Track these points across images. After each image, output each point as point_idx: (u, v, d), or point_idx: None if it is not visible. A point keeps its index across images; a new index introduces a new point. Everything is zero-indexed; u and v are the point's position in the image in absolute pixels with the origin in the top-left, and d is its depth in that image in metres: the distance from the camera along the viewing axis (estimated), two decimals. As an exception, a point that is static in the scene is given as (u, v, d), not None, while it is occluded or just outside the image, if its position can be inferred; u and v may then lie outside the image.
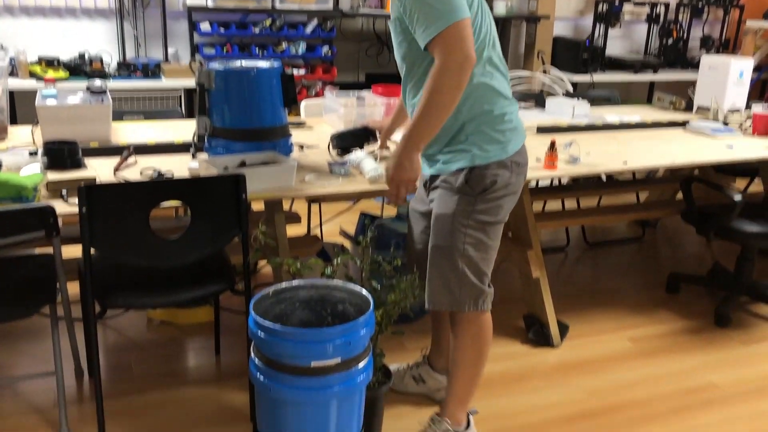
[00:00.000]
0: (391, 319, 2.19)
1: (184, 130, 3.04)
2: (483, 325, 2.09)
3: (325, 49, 5.07)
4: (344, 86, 4.99)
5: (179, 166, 2.49)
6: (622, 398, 2.57)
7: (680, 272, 3.61)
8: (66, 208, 2.07)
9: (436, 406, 2.34)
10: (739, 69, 3.79)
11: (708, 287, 3.56)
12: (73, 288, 2.47)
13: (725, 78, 3.78)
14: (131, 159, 2.57)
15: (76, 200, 2.06)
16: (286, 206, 3.71)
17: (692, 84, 4.02)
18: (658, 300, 3.43)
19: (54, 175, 2.26)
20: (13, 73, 4.21)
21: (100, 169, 2.42)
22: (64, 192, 2.16)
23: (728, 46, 6.29)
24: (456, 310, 2.06)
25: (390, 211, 3.83)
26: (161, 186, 2.07)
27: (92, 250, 2.04)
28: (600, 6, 5.72)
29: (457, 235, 1.99)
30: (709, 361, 2.86)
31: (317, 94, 4.93)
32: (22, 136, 2.87)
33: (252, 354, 1.82)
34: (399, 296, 2.17)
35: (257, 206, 3.35)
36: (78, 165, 2.38)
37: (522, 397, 2.55)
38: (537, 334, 2.95)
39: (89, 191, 1.96)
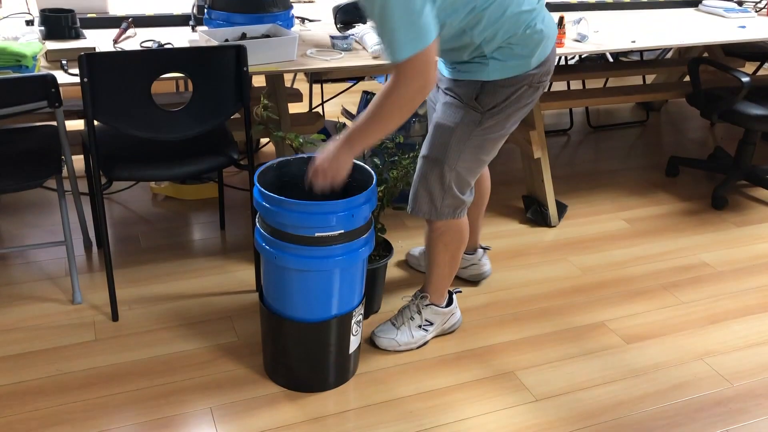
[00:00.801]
0: (393, 196, 2.23)
1: (183, 1, 2.96)
2: (459, 229, 2.06)
3: None
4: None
5: (179, 39, 2.45)
6: (615, 275, 2.65)
7: (680, 156, 3.62)
8: (67, 78, 2.06)
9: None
10: (759, -55, 3.63)
11: (707, 171, 3.58)
12: (77, 163, 2.50)
13: (743, -46, 3.63)
14: (130, 31, 2.52)
15: (76, 71, 2.05)
16: (287, 84, 3.67)
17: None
18: (656, 183, 3.46)
19: (53, 45, 2.22)
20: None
21: (99, 41, 2.38)
22: (64, 62, 2.13)
23: None
24: (434, 219, 2.03)
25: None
26: (162, 56, 2.04)
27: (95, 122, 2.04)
28: None
29: (452, 151, 1.91)
30: (702, 241, 2.93)
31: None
32: (15, 3, 2.80)
33: (257, 224, 1.87)
34: (400, 173, 2.19)
35: (258, 82, 3.32)
36: (77, 35, 2.34)
37: (517, 272, 2.63)
38: (535, 214, 3.00)
39: (90, 60, 1.94)
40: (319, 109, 3.70)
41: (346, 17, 2.71)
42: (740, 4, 3.53)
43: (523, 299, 2.47)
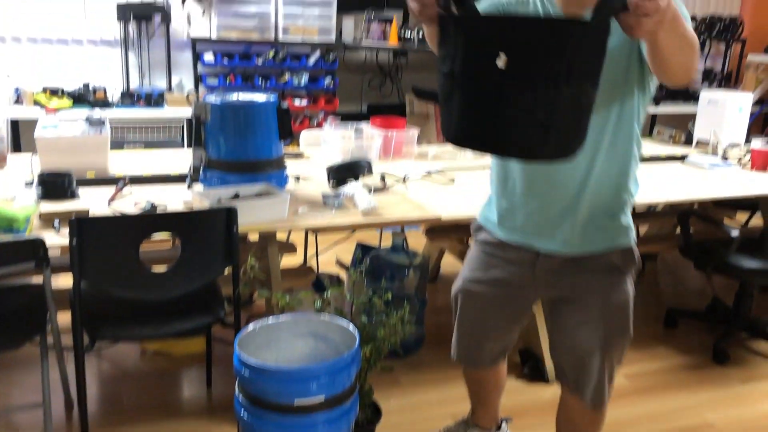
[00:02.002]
0: (381, 355, 2.18)
1: (182, 160, 3.06)
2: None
3: (328, 80, 5.12)
4: (346, 117, 5.04)
5: (174, 198, 2.51)
6: (617, 437, 2.53)
7: (679, 307, 3.57)
8: (57, 239, 2.08)
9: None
10: (738, 104, 3.80)
11: (707, 323, 3.53)
12: (66, 318, 2.48)
13: (724, 112, 3.78)
14: (126, 190, 2.59)
15: (68, 231, 2.08)
16: (283, 236, 3.71)
17: (694, 117, 4.02)
18: (655, 335, 3.40)
19: (47, 206, 2.27)
20: (18, 101, 4.27)
21: (95, 200, 2.44)
22: (56, 222, 2.17)
23: (730, 79, 6.31)
24: (594, 407, 1.87)
25: (386, 241, 3.83)
26: (152, 219, 2.08)
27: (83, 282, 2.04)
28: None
29: (630, 328, 1.83)
30: (706, 399, 2.82)
31: (319, 125, 4.96)
32: (22, 164, 2.90)
33: (237, 390, 1.81)
34: (389, 332, 2.16)
35: (253, 236, 3.35)
36: (72, 196, 2.40)
37: (515, 433, 2.52)
38: (532, 369, 2.92)
39: (80, 223, 1.97)
40: (314, 260, 3.72)
41: (339, 175, 2.79)
42: (725, 158, 3.63)
43: (520, 465, 2.35)
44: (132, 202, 2.46)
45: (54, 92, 4.30)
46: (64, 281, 3.07)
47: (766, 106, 6.27)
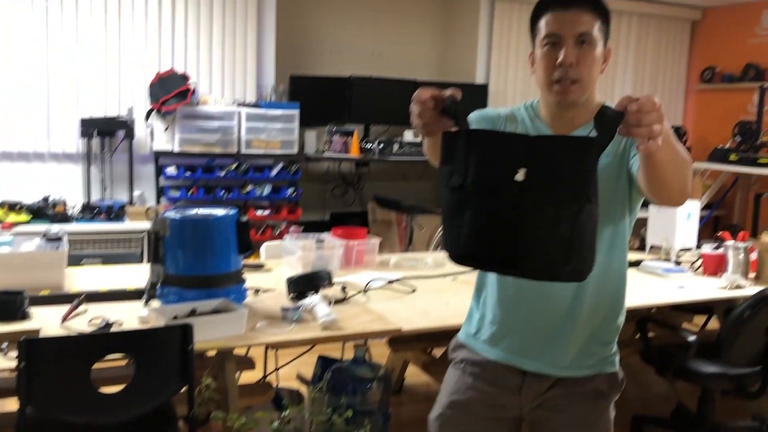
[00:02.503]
0: None
1: (140, 275, 3.03)
2: None
3: (290, 190, 5.20)
4: (309, 225, 5.08)
5: (130, 315, 2.46)
6: None
7: (644, 414, 3.55)
8: (4, 363, 2.02)
9: None
10: (687, 211, 3.94)
11: (672, 429, 3.50)
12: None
13: (674, 219, 3.92)
14: (81, 307, 2.54)
15: (16, 354, 2.02)
16: (242, 351, 3.64)
17: (646, 223, 4.15)
18: (623, 444, 3.35)
19: (-3, 327, 2.22)
20: (-25, 216, 4.24)
21: (48, 319, 2.38)
22: (4, 345, 2.11)
23: (679, 185, 6.56)
24: None
25: (349, 352, 3.78)
26: (105, 338, 2.04)
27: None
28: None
29: None
30: None
31: (281, 234, 4.99)
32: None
33: None
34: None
35: (211, 351, 3.28)
36: (23, 317, 2.34)
37: None
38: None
39: (30, 345, 1.92)
40: (274, 376, 3.64)
41: (299, 288, 2.79)
42: (678, 263, 3.73)
43: None
44: (87, 320, 2.41)
45: (12, 207, 4.28)
46: (11, 405, 2.94)
47: (715, 209, 6.52)
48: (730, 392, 3.26)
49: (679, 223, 3.93)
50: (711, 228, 6.20)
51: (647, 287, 3.27)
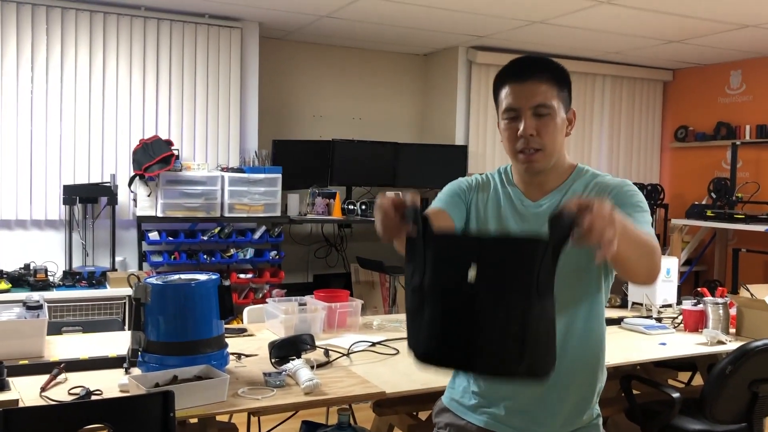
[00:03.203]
0: None
1: (122, 342, 3.00)
2: None
3: (273, 253, 5.21)
4: (292, 287, 5.08)
5: (110, 383, 2.44)
6: None
7: (632, 473, 3.51)
8: (-19, 435, 1.98)
9: None
10: (666, 267, 3.99)
11: (662, 489, 3.46)
12: None
13: (653, 276, 3.96)
14: (61, 376, 2.51)
15: (-7, 426, 1.99)
16: (225, 417, 3.59)
17: (627, 282, 4.20)
18: (612, 505, 3.30)
19: (-26, 399, 2.18)
20: (-47, 285, 4.20)
21: (26, 389, 2.35)
22: (-19, 417, 2.07)
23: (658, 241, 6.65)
24: None
25: (333, 418, 3.74)
26: (84, 407, 2.02)
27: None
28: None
29: None
30: None
31: (264, 297, 4.97)
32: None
33: None
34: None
35: (193, 419, 3.23)
36: (2, 387, 2.31)
37: None
38: None
39: (7, 416, 1.89)
40: (258, 442, 3.58)
41: (281, 353, 2.78)
42: (659, 320, 3.76)
43: None
44: (66, 389, 2.38)
45: (-8, 275, 4.26)
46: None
47: (694, 265, 6.59)
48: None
49: (659, 280, 3.97)
50: (692, 283, 6.27)
51: (630, 344, 3.29)
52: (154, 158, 4.69)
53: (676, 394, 3.02)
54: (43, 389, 2.35)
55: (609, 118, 6.95)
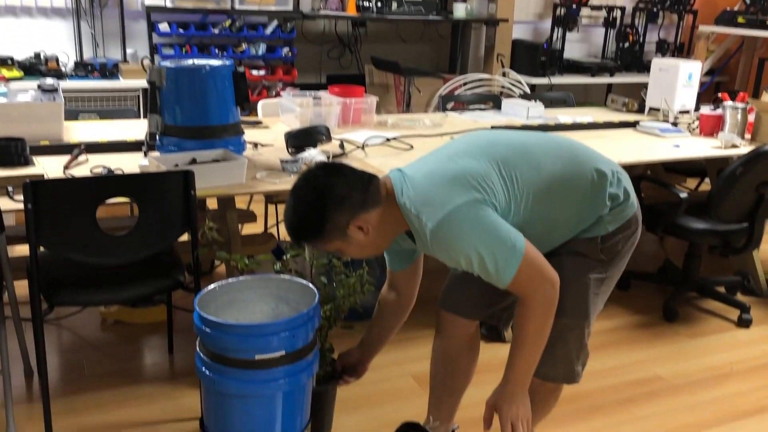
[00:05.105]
0: (341, 315, 2.22)
1: (138, 129, 3.03)
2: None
3: (285, 50, 5.09)
4: (305, 87, 4.99)
5: (130, 165, 2.49)
6: (569, 391, 2.59)
7: (631, 270, 3.68)
8: (12, 204, 2.07)
9: (389, 403, 2.37)
10: (688, 71, 3.89)
11: (658, 284, 3.65)
12: (23, 288, 2.46)
13: (675, 80, 3.87)
14: (82, 157, 2.56)
15: (22, 197, 2.06)
16: (244, 205, 3.72)
17: (646, 86, 4.11)
18: (609, 296, 3.49)
19: (1, 172, 2.24)
20: (-34, 72, 4.16)
21: (50, 167, 2.41)
22: (10, 189, 2.14)
23: (683, 50, 6.44)
24: (569, 384, 1.91)
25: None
26: (108, 182, 2.08)
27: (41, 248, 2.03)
28: (558, 10, 5.82)
29: (591, 306, 1.82)
30: (655, 355, 2.93)
31: (277, 95, 4.93)
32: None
33: (197, 349, 1.84)
34: (348, 292, 2.19)
35: (212, 204, 3.35)
36: (26, 162, 2.36)
37: (474, 390, 2.58)
38: (489, 330, 2.99)
39: (35, 187, 1.95)
40: (274, 230, 3.74)
41: (297, 142, 2.80)
42: (675, 125, 3.73)
43: (477, 420, 2.42)
44: (88, 169, 2.44)
45: (4, 62, 4.20)
46: (19, 251, 3.04)
47: (717, 75, 6.43)
48: (717, 248, 3.36)
49: (679, 85, 3.89)
50: (711, 94, 6.15)
51: (644, 146, 3.29)
52: (160, -57, 4.42)
53: (684, 194, 3.08)
54: (66, 167, 2.41)
55: None
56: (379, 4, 5.23)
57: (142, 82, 4.39)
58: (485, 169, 1.62)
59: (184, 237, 2.39)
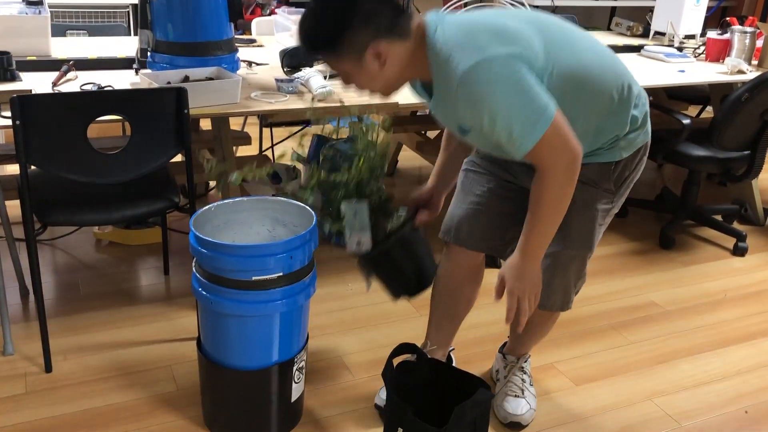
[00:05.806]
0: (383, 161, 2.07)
1: (129, 45, 2.94)
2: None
3: (280, -34, 4.90)
4: (300, 5, 4.84)
5: (121, 82, 2.42)
6: (564, 316, 2.61)
7: (629, 197, 3.65)
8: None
9: (386, 326, 2.38)
10: (696, -6, 3.77)
11: (655, 211, 3.64)
12: (14, 209, 2.43)
13: (681, 3, 3.76)
14: (71, 74, 2.48)
15: (9, 113, 1.99)
16: (238, 127, 3.65)
17: (652, 10, 3.99)
18: (606, 223, 3.49)
19: (-14, 88, 2.17)
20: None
21: (38, 83, 2.33)
22: (-3, 105, 2.08)
23: (690, -27, 6.23)
24: (564, 311, 1.91)
25: (343, 133, 3.80)
26: (99, 98, 2.01)
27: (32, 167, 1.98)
28: (563, -72, 5.60)
29: (595, 237, 1.79)
30: (650, 281, 2.95)
31: (271, 13, 4.77)
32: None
33: (194, 269, 1.82)
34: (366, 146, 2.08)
35: (206, 125, 3.29)
36: (12, 77, 2.29)
37: (471, 313, 2.60)
38: (488, 258, 2.99)
39: (23, 103, 1.89)
40: (269, 153, 3.68)
41: (293, 61, 2.71)
42: (680, 50, 3.64)
43: (473, 342, 2.44)
44: (77, 85, 2.36)
45: (-13, -25, 4.02)
46: (10, 171, 2.99)
47: (723, 0, 6.26)
48: (716, 176, 3.33)
49: (686, 8, 3.77)
50: (717, 19, 6.00)
51: (647, 71, 3.22)
52: None
53: (686, 120, 3.02)
54: (54, 84, 2.33)
55: None
56: None
57: (131, -2, 4.25)
58: (529, 34, 1.51)
59: (178, 158, 2.34)
